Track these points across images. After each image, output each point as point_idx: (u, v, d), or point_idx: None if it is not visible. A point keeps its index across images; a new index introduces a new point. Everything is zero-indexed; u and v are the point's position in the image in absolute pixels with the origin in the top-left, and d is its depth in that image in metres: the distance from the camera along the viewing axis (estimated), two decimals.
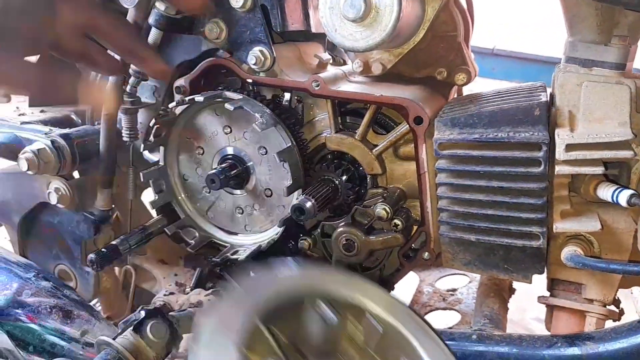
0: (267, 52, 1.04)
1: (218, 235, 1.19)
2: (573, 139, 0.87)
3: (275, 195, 1.11)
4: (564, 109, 0.91)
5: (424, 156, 0.99)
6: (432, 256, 1.03)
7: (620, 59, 0.87)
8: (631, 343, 0.77)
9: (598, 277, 0.95)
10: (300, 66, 1.13)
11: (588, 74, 0.89)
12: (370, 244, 1.04)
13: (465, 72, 1.05)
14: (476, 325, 1.04)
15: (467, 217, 0.96)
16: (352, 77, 1.12)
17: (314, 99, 1.11)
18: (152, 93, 1.19)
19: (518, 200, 0.91)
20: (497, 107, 0.93)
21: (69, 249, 1.25)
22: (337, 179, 1.07)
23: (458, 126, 0.94)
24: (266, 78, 1.07)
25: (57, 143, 1.10)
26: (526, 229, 0.92)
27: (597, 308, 0.96)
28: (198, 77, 1.11)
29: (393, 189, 1.08)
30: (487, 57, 4.12)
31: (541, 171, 0.88)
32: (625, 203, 0.82)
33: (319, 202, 1.00)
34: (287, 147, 1.04)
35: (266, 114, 1.03)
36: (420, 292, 1.33)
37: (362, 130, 1.06)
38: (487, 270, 1.00)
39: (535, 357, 0.86)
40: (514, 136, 0.89)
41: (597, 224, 0.89)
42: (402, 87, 1.04)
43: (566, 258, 0.88)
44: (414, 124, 0.98)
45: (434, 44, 1.06)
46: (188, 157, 1.17)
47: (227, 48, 1.09)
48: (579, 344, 0.83)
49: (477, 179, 0.93)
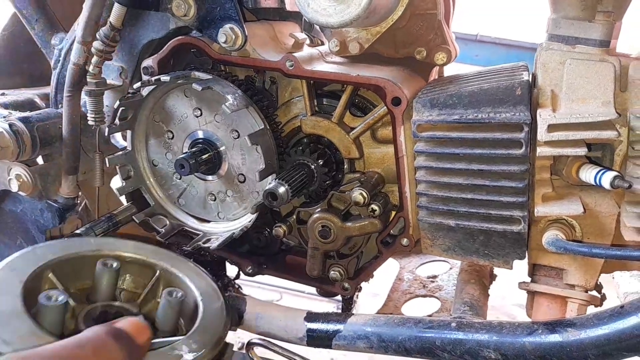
0: (238, 30, 0.99)
1: (190, 223, 1.15)
2: (555, 119, 0.83)
3: (248, 180, 1.06)
4: (546, 89, 0.87)
5: (402, 139, 0.95)
6: (411, 242, 1.00)
7: (604, 36, 0.84)
8: (613, 329, 0.75)
9: (580, 262, 0.93)
10: (275, 46, 1.08)
11: (571, 52, 0.86)
12: (346, 230, 1.00)
13: (445, 52, 1.01)
14: (456, 313, 1.01)
15: (447, 201, 0.93)
16: (328, 57, 1.08)
17: (289, 79, 1.07)
18: (119, 74, 1.13)
19: (498, 184, 0.88)
20: (478, 87, 0.89)
21: (33, 238, 1.19)
22: (312, 163, 1.03)
23: (437, 107, 0.90)
24: (237, 57, 1.02)
25: (16, 127, 1.04)
26: (507, 213, 0.89)
27: (578, 294, 0.94)
28: (167, 57, 1.06)
29: (371, 173, 1.04)
30: (471, 44, 4.08)
31: (522, 153, 0.84)
32: (608, 185, 0.79)
33: (293, 187, 0.96)
34: (259, 130, 0.99)
35: (238, 95, 0.98)
36: (401, 279, 1.30)
37: (338, 113, 1.02)
38: (467, 256, 0.97)
39: (515, 344, 0.83)
40: (494, 117, 0.86)
41: (580, 208, 0.87)
42: (380, 67, 1.00)
43: (547, 243, 0.86)
44: (391, 105, 0.93)
45: (413, 23, 1.02)
46: (157, 141, 1.11)
47: (196, 26, 1.03)
48: (560, 330, 0.80)
49: (457, 162, 0.90)
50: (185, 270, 0.76)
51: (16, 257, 0.69)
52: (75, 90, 1.07)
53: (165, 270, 0.76)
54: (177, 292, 0.70)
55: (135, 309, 0.72)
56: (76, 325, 0.66)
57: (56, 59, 1.17)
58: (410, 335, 0.92)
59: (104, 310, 0.70)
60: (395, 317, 0.97)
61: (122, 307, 0.71)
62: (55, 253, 0.71)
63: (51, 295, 0.61)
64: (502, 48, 4.14)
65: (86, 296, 0.72)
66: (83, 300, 0.71)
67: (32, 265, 0.68)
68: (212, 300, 0.73)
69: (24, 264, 0.68)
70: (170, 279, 0.76)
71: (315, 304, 2.18)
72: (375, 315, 1.00)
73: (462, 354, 0.87)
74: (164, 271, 0.76)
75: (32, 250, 0.71)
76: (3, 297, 0.62)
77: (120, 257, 0.75)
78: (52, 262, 0.70)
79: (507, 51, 4.17)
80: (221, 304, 0.73)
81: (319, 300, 2.10)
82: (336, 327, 0.97)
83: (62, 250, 0.72)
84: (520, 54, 4.01)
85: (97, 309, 0.69)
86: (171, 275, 0.76)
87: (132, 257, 0.76)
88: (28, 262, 0.68)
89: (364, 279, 1.08)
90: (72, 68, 1.05)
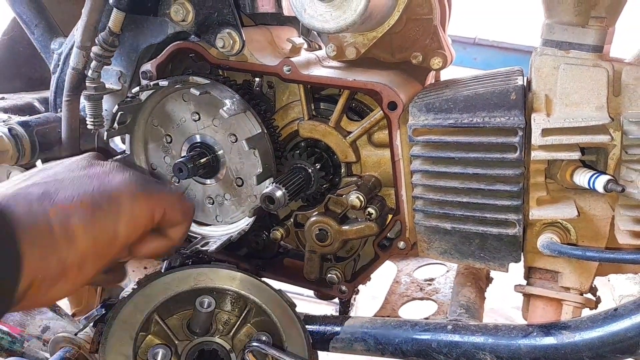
0: (236, 35, 1.00)
1: None
2: (549, 124, 0.84)
3: (246, 184, 1.07)
4: (541, 93, 0.88)
5: (398, 143, 0.96)
6: (407, 245, 1.01)
7: (597, 41, 0.85)
8: (607, 332, 0.75)
9: (575, 265, 0.94)
10: (272, 50, 1.09)
11: (565, 57, 0.86)
12: (343, 234, 1.01)
13: (441, 57, 1.02)
14: (452, 315, 1.01)
15: (442, 204, 0.93)
16: (325, 62, 1.08)
17: (286, 84, 1.07)
18: (118, 79, 1.14)
19: (494, 187, 0.88)
20: (473, 92, 0.90)
21: None
22: (310, 167, 1.03)
23: (433, 111, 0.91)
24: (235, 62, 1.02)
25: (15, 131, 1.04)
26: (502, 217, 0.90)
27: (573, 296, 0.94)
28: (165, 61, 1.07)
29: (367, 177, 1.04)
30: (469, 47, 4.09)
31: (517, 157, 0.85)
32: (601, 189, 0.80)
33: (290, 191, 0.96)
34: (257, 134, 1.00)
35: (236, 100, 0.99)
36: (398, 282, 1.30)
37: (335, 117, 1.03)
38: (463, 259, 0.98)
39: (510, 347, 0.84)
40: (489, 121, 0.87)
41: (574, 211, 0.87)
42: (377, 72, 1.01)
43: (542, 246, 0.86)
44: (388, 110, 0.94)
45: (409, 28, 1.03)
46: (156, 145, 1.12)
47: (194, 31, 1.04)
48: (555, 333, 0.81)
49: (452, 166, 0.90)
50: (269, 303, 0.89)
51: (127, 306, 0.83)
52: (74, 94, 1.08)
53: (255, 303, 0.89)
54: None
55: (229, 345, 0.87)
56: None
57: (55, 64, 1.18)
58: (406, 338, 0.92)
59: (201, 349, 0.86)
60: (392, 320, 0.98)
61: (217, 343, 0.87)
62: (158, 295, 0.85)
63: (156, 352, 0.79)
64: (500, 51, 4.15)
65: (187, 324, 0.88)
66: (184, 329, 0.87)
67: (140, 314, 0.82)
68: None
69: (133, 314, 0.82)
70: (259, 311, 0.89)
71: (313, 306, 2.19)
72: (372, 318, 1.01)
73: (457, 357, 0.88)
74: (254, 304, 0.89)
75: (142, 293, 0.85)
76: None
77: (216, 289, 0.89)
78: (157, 305, 0.84)
79: (505, 54, 4.18)
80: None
81: (317, 303, 2.11)
82: (333, 330, 0.98)
83: (165, 291, 0.86)
84: (518, 57, 4.02)
85: (195, 349, 0.86)
86: (260, 308, 0.89)
87: (226, 289, 0.90)
88: (136, 311, 0.83)
89: (361, 281, 1.08)
90: (71, 72, 1.06)
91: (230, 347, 0.86)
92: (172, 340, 0.84)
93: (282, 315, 0.89)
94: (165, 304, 0.86)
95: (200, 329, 0.87)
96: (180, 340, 0.85)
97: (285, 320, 0.88)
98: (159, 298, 0.85)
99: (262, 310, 0.89)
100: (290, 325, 0.88)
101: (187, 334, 0.87)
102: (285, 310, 0.89)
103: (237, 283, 0.91)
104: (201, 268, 0.91)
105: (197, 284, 0.89)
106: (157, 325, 0.85)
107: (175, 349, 0.84)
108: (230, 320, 0.91)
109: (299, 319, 0.90)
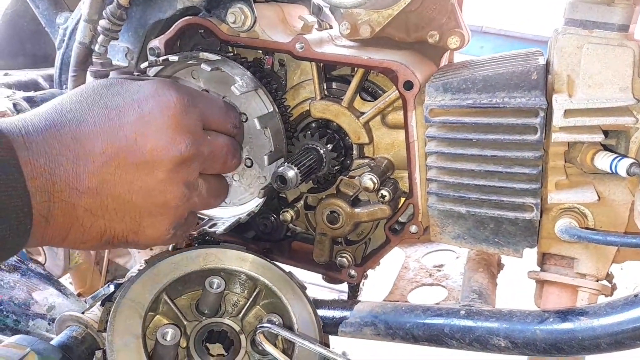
0: (248, 11, 0.97)
1: None
2: (572, 105, 0.82)
3: (255, 165, 1.05)
4: (562, 74, 0.85)
5: (413, 124, 0.93)
6: (419, 229, 0.99)
7: (624, 20, 0.82)
8: (627, 318, 0.74)
9: (592, 251, 0.92)
10: (284, 28, 1.06)
11: (589, 36, 0.84)
12: (355, 216, 0.99)
13: (458, 35, 0.99)
14: (464, 301, 1.00)
15: (458, 188, 0.91)
16: (338, 40, 1.05)
17: (298, 62, 1.05)
18: (125, 55, 1.11)
19: (512, 170, 0.86)
20: (492, 72, 0.87)
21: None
22: (321, 148, 1.01)
23: (450, 91, 0.89)
24: (246, 38, 1.00)
25: (20, 106, 1.02)
26: (519, 201, 0.87)
27: (589, 283, 0.93)
28: (173, 37, 1.04)
29: (380, 159, 1.02)
30: (477, 35, 4.07)
31: (537, 139, 0.83)
32: (624, 172, 0.78)
33: (302, 172, 0.94)
34: (268, 113, 0.97)
35: (247, 77, 0.96)
36: (406, 267, 1.29)
37: (348, 97, 1.00)
38: (477, 244, 0.96)
39: (526, 332, 0.82)
40: (509, 102, 0.84)
41: (594, 195, 0.85)
42: (392, 51, 0.98)
43: (560, 230, 0.84)
44: (403, 89, 0.92)
45: (425, 6, 1.00)
46: None
47: (204, 5, 1.01)
48: (572, 318, 0.79)
49: (469, 148, 0.88)
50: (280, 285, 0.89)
51: (135, 284, 0.81)
52: (81, 69, 1.05)
53: (265, 285, 0.89)
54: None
55: (238, 327, 0.86)
56: (187, 344, 0.82)
57: (61, 39, 1.15)
58: (418, 323, 0.91)
59: (210, 329, 0.84)
60: (403, 305, 0.96)
61: (227, 324, 0.86)
62: (167, 274, 0.84)
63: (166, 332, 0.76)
64: (507, 40, 4.12)
65: (196, 305, 0.87)
66: (192, 310, 0.87)
67: (149, 293, 0.81)
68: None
69: (141, 293, 0.81)
70: (269, 293, 0.89)
71: (318, 292, 2.18)
72: (383, 303, 0.99)
73: (471, 342, 0.87)
74: (264, 286, 0.89)
75: (150, 272, 0.84)
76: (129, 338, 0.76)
77: (225, 270, 0.88)
78: (166, 284, 0.83)
79: (511, 43, 4.15)
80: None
81: (322, 288, 2.10)
82: (342, 314, 0.96)
83: (174, 271, 0.85)
84: (525, 46, 3.97)
85: (204, 330, 0.84)
86: (270, 290, 0.88)
87: (236, 270, 0.89)
88: (145, 290, 0.81)
89: (371, 266, 1.07)
90: (78, 47, 1.03)
91: (239, 328, 0.85)
92: (181, 321, 0.83)
93: (293, 297, 0.87)
94: (174, 284, 0.84)
95: (210, 309, 0.85)
96: (189, 320, 0.84)
97: (295, 302, 0.87)
98: (168, 277, 0.83)
99: (272, 292, 0.87)
100: (301, 308, 0.86)
101: (196, 315, 0.86)
102: (296, 292, 0.88)
103: (247, 264, 0.89)
104: (210, 248, 0.90)
105: (206, 264, 0.87)
106: (165, 305, 0.83)
107: (184, 329, 0.82)
108: (239, 301, 0.90)
109: (310, 301, 0.88)
